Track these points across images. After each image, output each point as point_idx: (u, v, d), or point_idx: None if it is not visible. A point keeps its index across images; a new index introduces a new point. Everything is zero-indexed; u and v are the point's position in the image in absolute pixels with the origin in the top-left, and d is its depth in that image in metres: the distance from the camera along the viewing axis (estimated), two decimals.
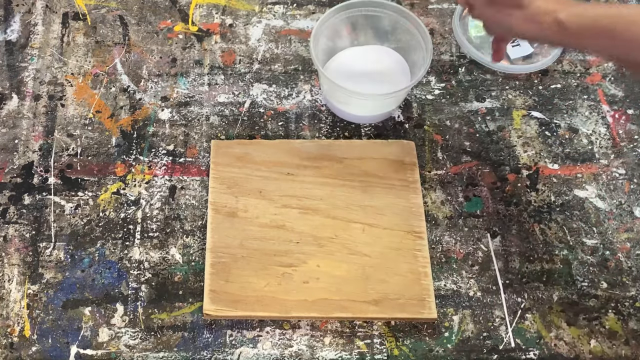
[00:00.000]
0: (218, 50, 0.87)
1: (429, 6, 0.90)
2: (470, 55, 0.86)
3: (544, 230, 0.75)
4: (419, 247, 0.73)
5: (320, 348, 0.69)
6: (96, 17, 0.89)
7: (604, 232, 0.75)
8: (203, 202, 0.76)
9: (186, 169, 0.79)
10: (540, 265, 0.73)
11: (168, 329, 0.70)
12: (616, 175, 0.79)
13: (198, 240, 0.74)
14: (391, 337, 0.70)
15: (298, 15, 0.90)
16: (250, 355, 0.69)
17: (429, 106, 0.83)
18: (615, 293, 0.72)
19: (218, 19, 0.89)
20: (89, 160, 0.79)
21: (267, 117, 0.82)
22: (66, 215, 0.76)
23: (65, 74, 0.84)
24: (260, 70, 0.85)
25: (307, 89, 0.84)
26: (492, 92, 0.84)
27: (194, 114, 0.82)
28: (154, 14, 0.89)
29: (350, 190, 0.76)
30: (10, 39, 0.87)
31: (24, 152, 0.79)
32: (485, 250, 0.74)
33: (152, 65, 0.85)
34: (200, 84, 0.84)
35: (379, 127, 0.81)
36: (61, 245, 0.74)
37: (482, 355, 0.69)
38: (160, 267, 0.73)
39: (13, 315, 0.70)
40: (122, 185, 0.77)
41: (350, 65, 0.83)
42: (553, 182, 0.78)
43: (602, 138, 0.81)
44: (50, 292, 0.72)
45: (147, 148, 0.80)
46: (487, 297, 0.72)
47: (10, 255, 0.73)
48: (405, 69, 0.82)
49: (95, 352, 0.69)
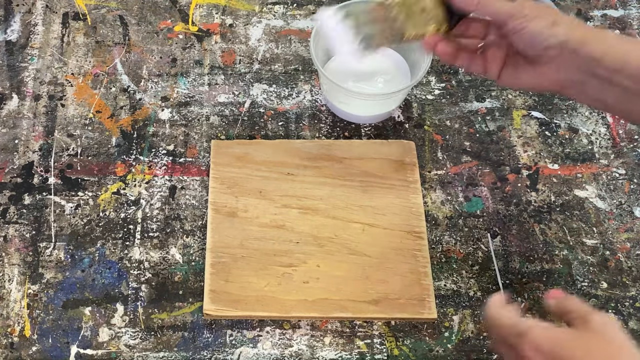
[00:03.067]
0: (218, 50, 0.87)
1: None
2: None
3: (544, 230, 0.75)
4: (419, 247, 0.73)
5: (320, 348, 0.69)
6: (96, 17, 0.89)
7: (604, 232, 0.75)
8: (203, 202, 0.76)
9: (186, 169, 0.79)
10: (540, 265, 0.74)
11: (168, 329, 0.70)
12: (616, 175, 0.79)
13: (198, 240, 0.74)
14: (391, 337, 0.70)
15: (298, 15, 0.90)
16: (250, 355, 0.69)
17: (429, 106, 0.83)
18: (615, 293, 0.72)
19: (218, 19, 0.89)
20: (89, 160, 0.79)
21: (267, 117, 0.82)
22: (66, 215, 0.76)
23: (66, 74, 0.84)
24: (260, 70, 0.85)
25: (307, 89, 0.84)
26: (492, 92, 0.84)
27: (194, 114, 0.82)
28: (154, 14, 0.89)
29: (350, 190, 0.76)
30: (11, 39, 0.87)
31: (24, 152, 0.79)
32: (485, 250, 0.74)
33: (152, 65, 0.85)
34: (200, 84, 0.84)
35: (379, 127, 0.81)
36: (61, 245, 0.74)
37: (482, 355, 0.69)
38: (160, 267, 0.73)
39: (13, 315, 0.70)
40: (122, 185, 0.77)
41: (350, 65, 0.82)
42: (553, 182, 0.78)
43: (602, 138, 0.81)
44: (51, 292, 0.72)
45: (147, 148, 0.80)
46: (487, 297, 0.72)
47: (10, 255, 0.73)
48: (405, 69, 0.82)
49: (96, 352, 0.69)
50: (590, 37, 0.57)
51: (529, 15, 0.58)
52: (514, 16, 0.58)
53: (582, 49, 0.56)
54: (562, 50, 0.57)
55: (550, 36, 0.57)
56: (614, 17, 0.90)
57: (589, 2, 0.91)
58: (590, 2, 0.91)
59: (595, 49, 0.56)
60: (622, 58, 0.56)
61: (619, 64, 0.56)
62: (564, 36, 0.57)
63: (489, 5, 0.60)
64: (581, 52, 0.56)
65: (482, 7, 0.60)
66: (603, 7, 0.91)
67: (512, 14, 0.58)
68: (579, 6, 0.91)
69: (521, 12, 0.58)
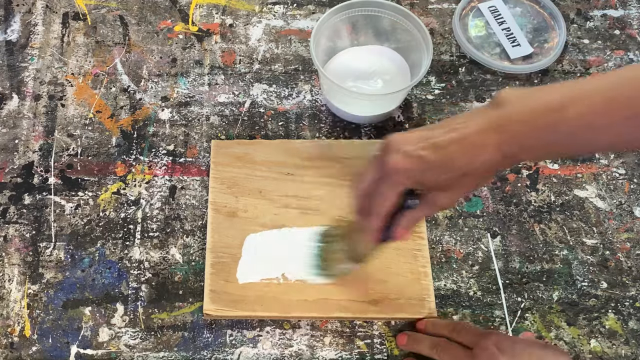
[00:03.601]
0: (218, 50, 0.87)
1: (429, 6, 0.90)
2: (470, 55, 0.86)
3: (544, 230, 0.75)
4: (419, 247, 0.73)
5: (320, 348, 0.69)
6: (96, 17, 0.89)
7: (604, 232, 0.75)
8: (203, 202, 0.76)
9: (186, 169, 0.79)
10: (540, 265, 0.74)
11: (168, 329, 0.70)
12: (616, 175, 0.79)
13: (198, 240, 0.75)
14: (391, 337, 0.70)
15: (298, 15, 0.90)
16: (250, 355, 0.69)
17: (429, 106, 0.83)
18: (615, 293, 0.72)
19: (218, 19, 0.89)
20: (89, 160, 0.79)
21: (267, 117, 0.82)
22: (66, 215, 0.76)
23: (66, 74, 0.85)
24: (260, 70, 0.85)
25: (307, 89, 0.84)
26: (492, 92, 0.84)
27: (194, 114, 0.82)
28: (154, 14, 0.89)
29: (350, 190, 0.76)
30: (11, 39, 0.87)
31: (24, 152, 0.79)
32: (485, 250, 0.74)
33: (152, 65, 0.85)
34: (200, 84, 0.84)
35: (379, 127, 0.81)
36: (61, 245, 0.74)
37: None
38: (160, 267, 0.73)
39: (13, 315, 0.70)
40: (122, 185, 0.78)
41: (350, 65, 0.83)
42: (553, 182, 0.78)
43: None
44: (51, 292, 0.72)
45: (147, 148, 0.80)
46: (487, 297, 0.72)
47: (10, 255, 0.73)
48: (405, 69, 0.82)
49: (96, 352, 0.69)
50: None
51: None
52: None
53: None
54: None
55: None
56: (614, 17, 0.90)
57: (589, 2, 0.91)
58: (590, 2, 0.91)
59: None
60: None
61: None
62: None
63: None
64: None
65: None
66: (603, 7, 0.91)
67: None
68: (579, 6, 0.91)
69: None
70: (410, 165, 0.54)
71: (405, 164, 0.54)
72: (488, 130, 0.52)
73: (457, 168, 0.53)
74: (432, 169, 0.53)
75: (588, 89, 0.50)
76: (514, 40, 0.87)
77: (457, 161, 0.53)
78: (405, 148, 0.54)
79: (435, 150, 0.53)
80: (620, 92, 0.49)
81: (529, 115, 0.51)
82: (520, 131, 0.51)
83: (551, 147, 0.52)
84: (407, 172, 0.54)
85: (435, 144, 0.53)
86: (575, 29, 0.89)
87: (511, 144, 0.51)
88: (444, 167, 0.53)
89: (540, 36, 0.88)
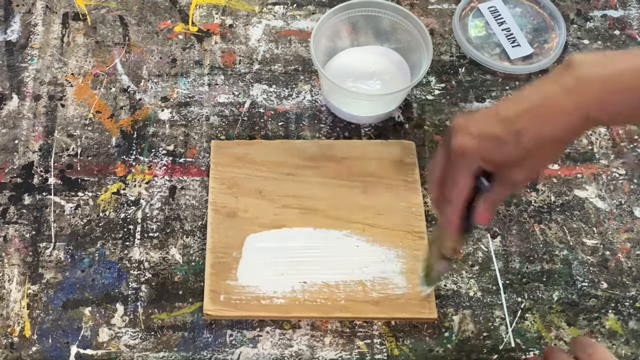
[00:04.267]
0: (218, 51, 0.87)
1: (429, 6, 0.90)
2: (470, 56, 0.86)
3: (544, 231, 0.75)
4: (419, 247, 0.73)
5: (320, 348, 0.69)
6: (96, 17, 0.89)
7: (604, 232, 0.75)
8: (203, 202, 0.76)
9: (186, 169, 0.79)
10: (540, 265, 0.74)
11: (168, 329, 0.70)
12: (616, 176, 0.79)
13: (198, 240, 0.74)
14: (391, 337, 0.70)
15: (298, 16, 0.90)
16: (250, 355, 0.69)
17: (429, 106, 0.83)
18: (615, 293, 0.72)
19: (218, 20, 0.89)
20: (89, 160, 0.79)
21: (267, 117, 0.82)
22: (66, 216, 0.76)
23: (66, 74, 0.85)
24: (260, 70, 0.85)
25: (307, 89, 0.84)
26: (492, 93, 0.84)
27: (194, 114, 0.82)
28: (154, 14, 0.89)
29: (350, 191, 0.76)
30: (10, 39, 0.87)
31: (24, 152, 0.79)
32: (485, 250, 0.74)
33: (152, 65, 0.85)
34: (200, 84, 0.84)
35: (379, 127, 0.81)
36: (61, 245, 0.74)
37: (482, 355, 0.69)
38: (160, 267, 0.73)
39: (13, 315, 0.70)
40: (122, 186, 0.77)
41: (350, 65, 0.83)
42: (553, 182, 0.78)
43: (602, 138, 0.81)
44: (50, 292, 0.72)
45: (147, 148, 0.80)
46: (487, 297, 0.72)
47: (10, 255, 0.73)
48: (405, 69, 0.82)
49: (95, 352, 0.69)
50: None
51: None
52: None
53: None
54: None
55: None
56: (614, 17, 0.90)
57: (589, 2, 0.91)
58: (590, 2, 0.91)
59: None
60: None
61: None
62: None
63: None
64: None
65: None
66: (603, 7, 0.91)
67: None
68: (579, 6, 0.91)
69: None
70: (478, 143, 0.52)
71: (473, 144, 0.52)
72: (565, 94, 0.50)
73: (531, 139, 0.51)
74: (503, 144, 0.52)
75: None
76: (514, 41, 0.87)
77: (531, 131, 0.51)
78: (471, 129, 0.53)
79: (504, 124, 0.51)
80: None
81: (613, 75, 0.49)
82: (605, 89, 0.49)
83: (637, 110, 0.50)
84: (475, 151, 0.53)
85: (505, 118, 0.51)
86: (575, 30, 0.89)
87: (594, 105, 0.49)
88: (516, 140, 0.51)
89: (540, 36, 0.88)
